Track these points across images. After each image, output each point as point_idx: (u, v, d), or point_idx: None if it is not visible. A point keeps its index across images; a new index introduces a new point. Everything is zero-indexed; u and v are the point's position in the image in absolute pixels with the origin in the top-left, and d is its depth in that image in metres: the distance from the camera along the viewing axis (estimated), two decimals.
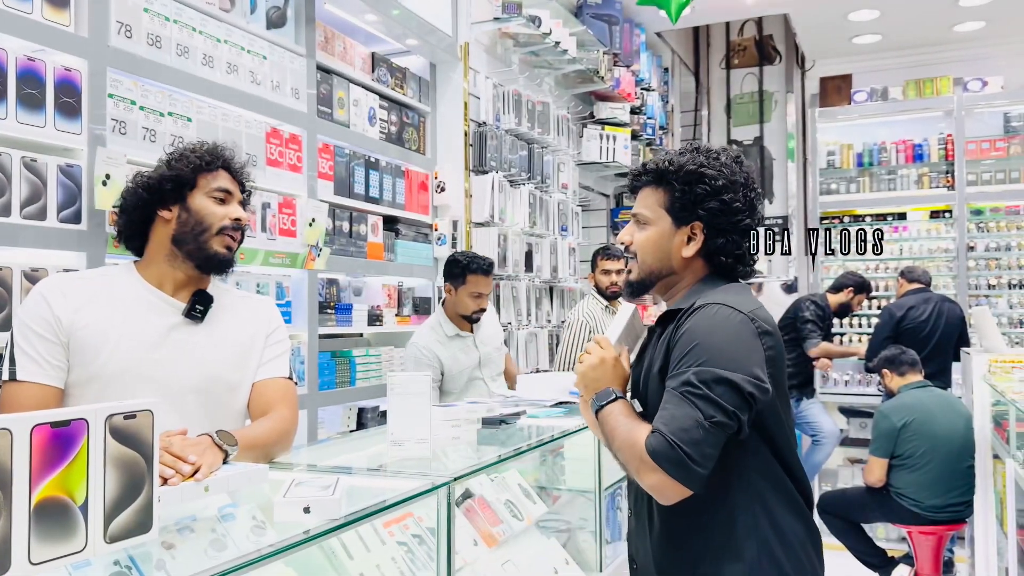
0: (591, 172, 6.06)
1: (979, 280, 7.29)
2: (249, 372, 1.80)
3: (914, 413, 4.06)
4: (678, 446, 1.33)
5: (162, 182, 1.74)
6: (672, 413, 1.36)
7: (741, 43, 7.64)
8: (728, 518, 1.46)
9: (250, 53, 2.95)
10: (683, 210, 1.55)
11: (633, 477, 1.44)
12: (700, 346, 1.40)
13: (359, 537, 1.63)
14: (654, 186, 1.59)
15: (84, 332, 1.63)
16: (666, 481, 1.34)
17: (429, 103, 4.19)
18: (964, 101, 7.25)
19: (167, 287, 1.74)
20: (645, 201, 1.60)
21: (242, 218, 1.79)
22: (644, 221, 1.60)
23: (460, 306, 3.36)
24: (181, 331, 1.72)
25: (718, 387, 1.36)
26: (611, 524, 2.52)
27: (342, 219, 3.47)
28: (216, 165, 1.78)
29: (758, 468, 1.48)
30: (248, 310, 1.86)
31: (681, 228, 1.56)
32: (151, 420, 1.07)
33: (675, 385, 1.40)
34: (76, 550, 0.98)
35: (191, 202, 1.75)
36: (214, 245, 1.74)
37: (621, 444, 1.43)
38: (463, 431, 1.97)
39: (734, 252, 1.56)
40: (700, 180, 1.53)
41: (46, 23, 2.22)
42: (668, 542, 1.52)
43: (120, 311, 1.67)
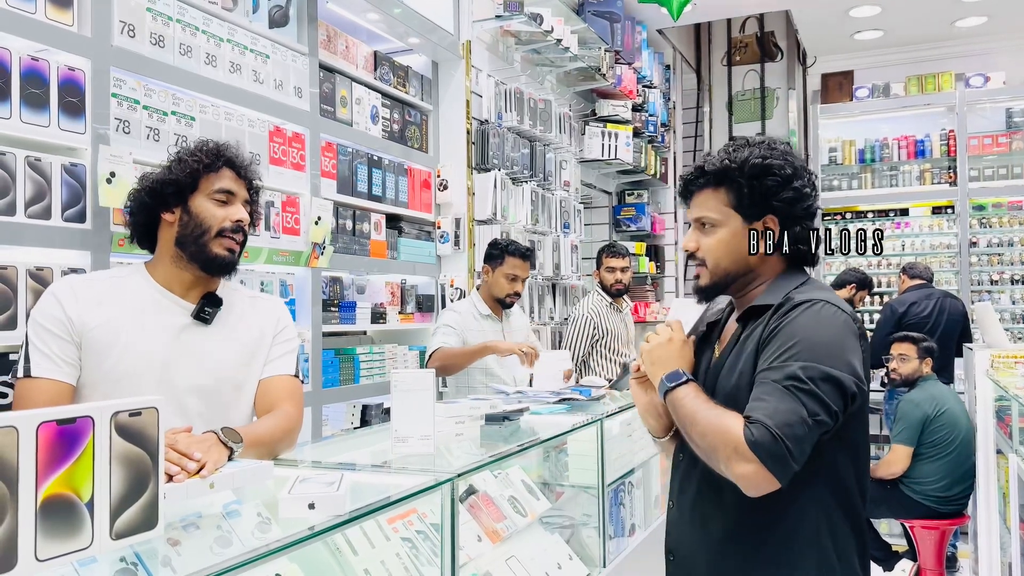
0: (593, 169, 6.06)
1: (981, 276, 7.28)
2: (255, 371, 1.81)
3: (943, 403, 4.07)
4: (782, 440, 1.29)
5: (164, 185, 1.74)
6: (775, 406, 1.32)
7: (743, 40, 7.63)
8: (794, 523, 1.43)
9: (253, 52, 2.95)
10: (753, 206, 1.51)
11: (714, 463, 1.38)
12: (806, 341, 1.37)
13: (363, 533, 1.64)
14: (714, 187, 1.54)
15: (95, 332, 1.64)
16: (760, 473, 1.30)
17: (431, 101, 4.19)
18: (966, 97, 7.24)
19: (176, 288, 1.75)
20: (707, 204, 1.54)
21: (243, 219, 1.78)
22: (712, 224, 1.54)
23: (496, 287, 3.47)
24: (190, 332, 1.73)
25: (824, 384, 1.33)
26: (614, 520, 2.52)
27: (345, 217, 3.48)
28: (218, 165, 1.77)
29: (831, 474, 1.44)
30: (257, 311, 1.87)
31: (753, 224, 1.52)
32: (156, 417, 1.07)
33: (778, 378, 1.35)
34: (82, 547, 0.99)
35: (192, 204, 1.74)
36: (214, 248, 1.74)
37: (706, 430, 1.37)
38: (466, 428, 1.97)
39: (809, 238, 1.53)
40: (768, 172, 1.49)
41: (49, 23, 2.23)
42: (727, 540, 1.48)
43: (130, 312, 1.69)
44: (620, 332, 4.48)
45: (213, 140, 1.82)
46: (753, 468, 1.30)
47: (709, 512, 1.51)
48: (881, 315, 5.54)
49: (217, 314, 1.77)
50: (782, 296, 1.48)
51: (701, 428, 1.39)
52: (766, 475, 1.30)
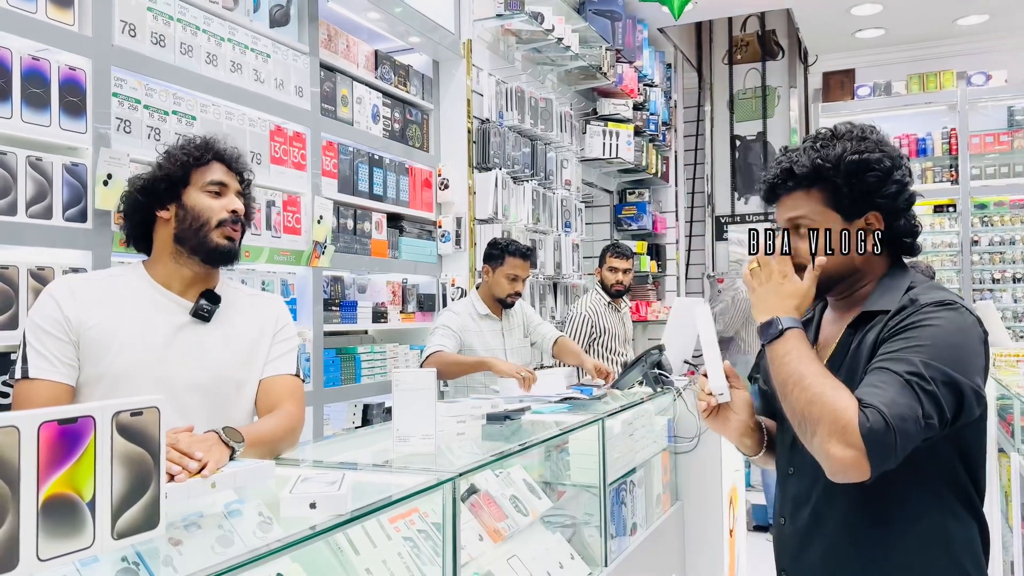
0: (594, 168, 6.06)
1: (983, 274, 7.28)
2: (256, 370, 1.80)
3: None
4: (895, 432, 1.20)
5: (155, 183, 1.74)
6: (893, 397, 1.22)
7: (744, 38, 7.63)
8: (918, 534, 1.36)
9: (253, 51, 2.95)
10: (854, 204, 1.41)
11: (805, 433, 1.28)
12: (938, 341, 1.28)
13: (365, 532, 1.63)
14: (806, 189, 1.43)
15: (93, 331, 1.64)
16: (858, 462, 1.20)
17: (432, 100, 4.19)
18: (968, 95, 7.23)
19: (175, 286, 1.74)
20: (801, 206, 1.44)
21: (239, 210, 1.77)
22: (808, 226, 1.44)
23: (496, 287, 3.44)
24: (188, 330, 1.72)
25: (944, 388, 1.25)
26: (616, 519, 2.52)
27: (346, 217, 3.48)
28: (207, 158, 1.76)
29: (951, 483, 1.37)
30: (256, 308, 1.86)
31: (855, 222, 1.42)
32: (157, 416, 1.07)
33: (900, 369, 1.25)
34: (84, 546, 0.99)
35: (186, 199, 1.73)
36: (215, 238, 1.73)
37: (815, 397, 1.26)
38: (468, 427, 1.97)
39: (912, 229, 1.44)
40: (867, 168, 1.39)
41: (50, 22, 2.23)
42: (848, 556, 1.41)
43: (128, 311, 1.68)
44: (618, 331, 4.48)
45: (200, 135, 1.81)
46: (853, 455, 1.21)
47: (828, 529, 1.43)
48: None
49: (216, 312, 1.75)
50: (899, 297, 1.39)
51: (809, 394, 1.27)
52: (863, 465, 1.21)
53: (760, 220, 7.46)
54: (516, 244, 3.45)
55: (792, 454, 1.50)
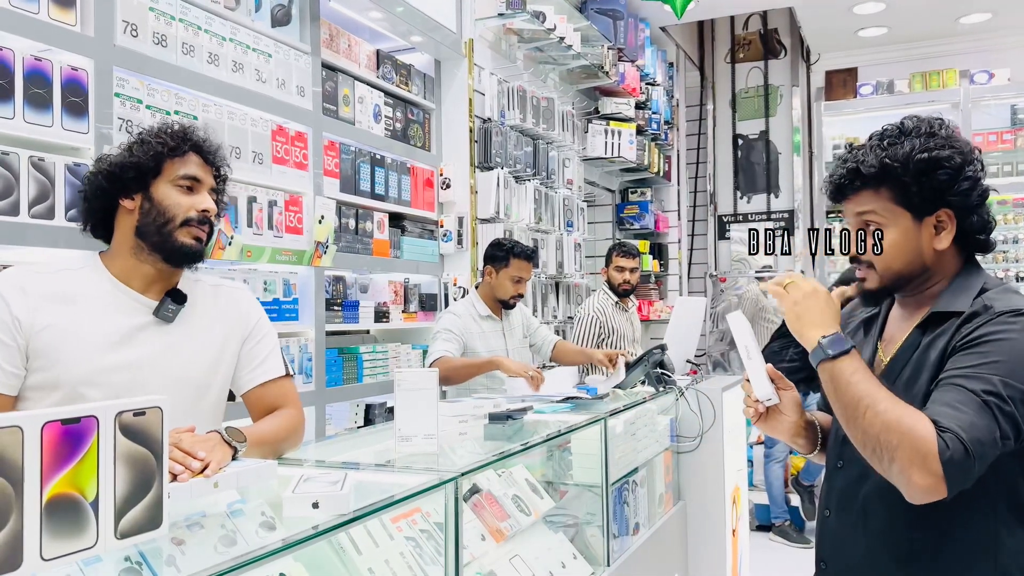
0: (596, 167, 6.06)
1: None
2: (222, 373, 1.70)
3: None
4: (975, 459, 1.17)
5: (124, 169, 1.58)
6: (972, 420, 1.19)
7: (746, 37, 7.62)
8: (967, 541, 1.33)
9: (255, 51, 2.95)
10: (925, 202, 1.36)
11: (882, 460, 1.23)
12: (1012, 355, 1.24)
13: (367, 532, 1.63)
14: (874, 188, 1.39)
15: (45, 333, 1.49)
16: (938, 486, 1.18)
17: (434, 100, 4.19)
18: (971, 94, 7.22)
19: (135, 283, 1.61)
20: (869, 203, 1.40)
21: (209, 209, 1.63)
22: (877, 224, 1.40)
23: (500, 289, 3.41)
24: (149, 331, 1.59)
25: (1022, 407, 1.21)
26: (618, 519, 2.52)
27: (348, 216, 3.48)
28: (184, 149, 1.61)
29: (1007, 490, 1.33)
30: (221, 306, 1.73)
31: (925, 220, 1.37)
32: (160, 416, 1.07)
33: (977, 388, 1.22)
34: (87, 546, 0.99)
35: (155, 191, 1.58)
36: (180, 237, 1.59)
37: (890, 423, 1.21)
38: (470, 427, 1.97)
39: (986, 225, 1.40)
40: (937, 166, 1.34)
41: (52, 23, 2.23)
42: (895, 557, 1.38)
43: (84, 310, 1.54)
44: (626, 331, 4.48)
45: (179, 122, 1.66)
46: (933, 481, 1.18)
47: (876, 527, 1.41)
48: None
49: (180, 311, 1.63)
50: (971, 299, 1.35)
51: (886, 419, 1.22)
52: (941, 489, 1.19)
53: (763, 219, 7.46)
54: (520, 245, 3.42)
55: (843, 448, 1.46)
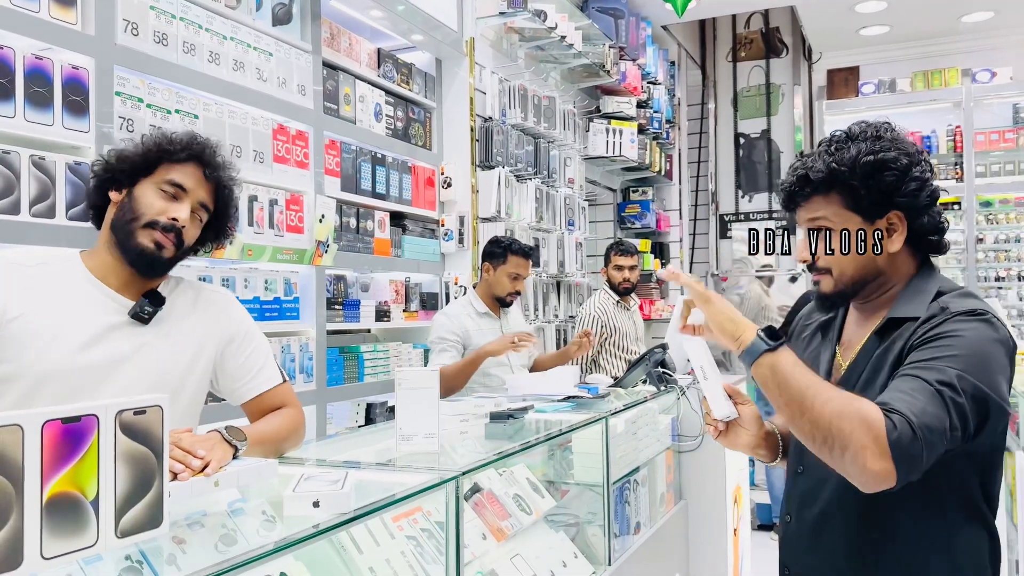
0: (597, 166, 6.05)
1: (988, 272, 7.26)
2: (195, 377, 1.67)
3: None
4: (922, 442, 1.16)
5: (120, 161, 1.59)
6: (923, 406, 1.19)
7: (747, 36, 7.61)
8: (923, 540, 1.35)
9: (256, 50, 2.95)
10: (874, 205, 1.37)
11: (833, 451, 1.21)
12: (970, 352, 1.25)
13: (368, 531, 1.63)
14: (824, 193, 1.40)
15: (16, 323, 1.47)
16: (890, 472, 1.16)
17: (435, 99, 4.18)
18: (973, 92, 7.21)
19: (112, 281, 1.58)
20: (819, 209, 1.41)
21: (180, 219, 1.57)
22: (829, 228, 1.41)
23: (497, 286, 3.42)
24: (123, 332, 1.56)
25: (973, 402, 1.22)
26: (619, 518, 2.52)
27: (349, 215, 3.48)
28: (181, 156, 1.58)
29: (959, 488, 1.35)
30: (200, 309, 1.70)
31: (876, 223, 1.39)
32: (161, 415, 1.07)
33: (932, 378, 1.22)
34: (87, 545, 0.99)
35: (137, 189, 1.57)
36: (140, 238, 1.54)
37: (839, 410, 1.19)
38: (471, 426, 1.97)
39: (938, 225, 1.41)
40: (884, 168, 1.36)
41: (53, 22, 2.23)
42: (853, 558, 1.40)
43: (57, 304, 1.51)
44: (628, 330, 4.48)
45: (193, 133, 1.64)
46: (885, 466, 1.16)
47: (836, 529, 1.42)
48: None
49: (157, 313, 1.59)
50: (927, 304, 1.35)
51: (832, 407, 1.20)
52: (891, 475, 1.17)
53: (764, 218, 7.45)
54: (518, 243, 3.43)
55: (803, 453, 1.47)
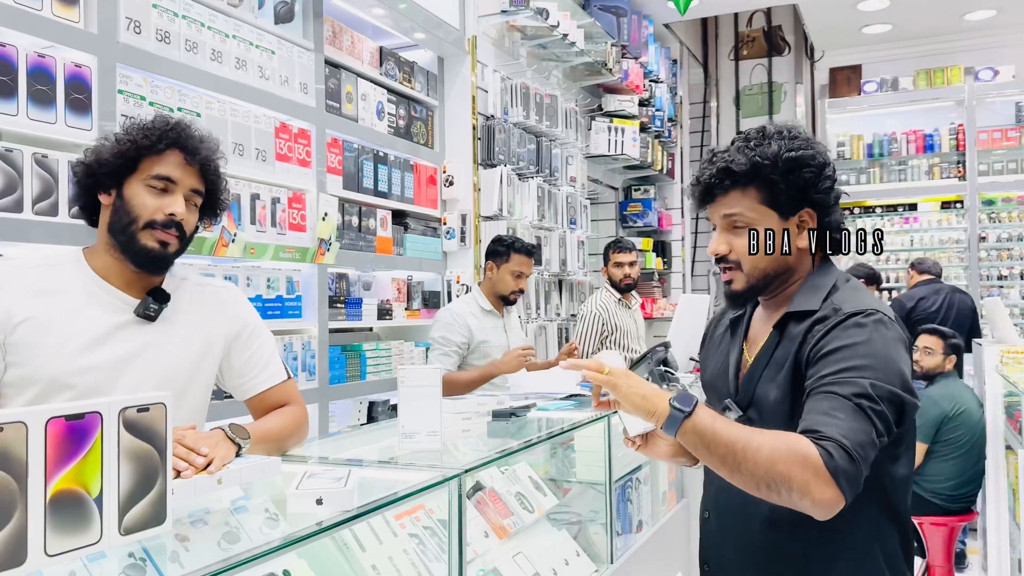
0: (599, 165, 6.05)
1: (990, 271, 7.25)
2: (203, 373, 1.67)
3: (962, 402, 3.99)
4: (860, 462, 1.20)
5: (100, 165, 1.54)
6: (849, 425, 1.21)
7: (750, 34, 7.60)
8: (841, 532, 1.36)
9: (258, 48, 2.95)
10: (791, 201, 1.42)
11: (780, 493, 1.22)
12: (873, 358, 1.28)
13: (371, 529, 1.64)
14: (743, 187, 1.43)
15: (22, 328, 1.46)
16: (837, 497, 1.19)
17: (437, 97, 4.18)
18: (975, 91, 7.21)
19: (115, 280, 1.57)
20: (737, 204, 1.44)
21: (177, 213, 1.54)
22: (746, 224, 1.44)
23: (500, 284, 3.44)
24: (130, 330, 1.55)
25: (889, 404, 1.26)
26: (622, 516, 2.52)
27: (351, 213, 3.48)
28: (160, 148, 1.53)
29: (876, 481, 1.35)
30: (206, 305, 1.69)
31: (789, 219, 1.43)
32: (164, 413, 1.07)
33: (847, 393, 1.24)
34: (91, 542, 0.99)
35: (126, 189, 1.54)
36: (143, 239, 1.53)
37: (773, 455, 1.20)
38: (473, 424, 1.97)
39: (840, 226, 1.47)
40: (803, 165, 1.40)
41: (56, 20, 2.23)
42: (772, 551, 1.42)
43: (63, 306, 1.51)
44: (629, 328, 4.48)
45: (164, 117, 1.60)
46: (833, 493, 1.18)
47: (752, 524, 1.44)
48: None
49: (162, 311, 1.59)
50: (822, 299, 1.40)
51: (764, 454, 1.21)
52: (841, 500, 1.20)
53: None
54: (521, 241, 3.45)
55: None
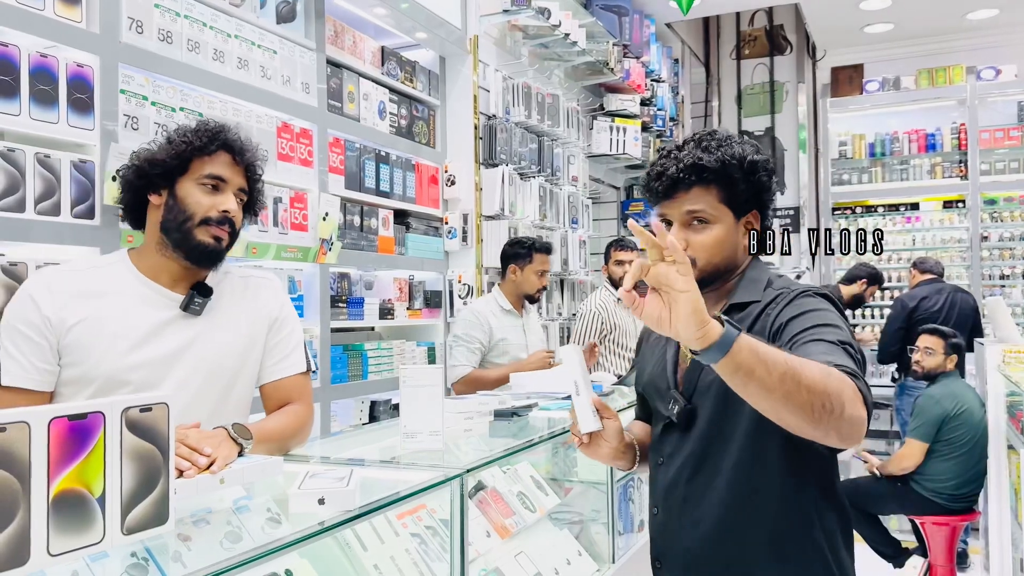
0: (601, 164, 6.05)
1: (992, 270, 7.24)
2: (250, 363, 1.73)
3: (964, 402, 3.99)
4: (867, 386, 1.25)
5: (152, 165, 1.63)
6: (846, 360, 1.26)
7: (752, 33, 7.60)
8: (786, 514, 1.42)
9: (260, 48, 2.95)
10: (747, 202, 1.50)
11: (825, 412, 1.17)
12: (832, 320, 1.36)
13: (373, 529, 1.64)
14: (706, 184, 1.48)
15: (75, 330, 1.54)
16: (865, 417, 1.21)
17: (439, 96, 4.18)
18: (977, 90, 7.19)
19: (163, 278, 1.64)
20: (700, 200, 1.48)
21: (230, 210, 1.64)
22: (705, 220, 1.48)
23: (526, 284, 3.58)
24: (177, 325, 1.63)
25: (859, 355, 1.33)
26: (623, 516, 2.52)
27: (353, 213, 3.48)
28: (211, 149, 1.64)
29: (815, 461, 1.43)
30: (250, 297, 1.76)
31: (742, 219, 1.51)
32: (166, 412, 1.07)
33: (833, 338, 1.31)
34: (94, 542, 0.99)
35: (179, 188, 1.62)
36: (199, 235, 1.62)
37: (821, 371, 1.18)
38: (475, 423, 1.97)
39: (771, 227, 1.57)
40: (763, 168, 1.50)
41: (58, 19, 2.23)
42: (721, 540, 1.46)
43: (112, 306, 1.58)
44: (628, 327, 4.47)
45: (214, 120, 1.70)
46: (863, 411, 1.20)
47: (702, 514, 1.48)
48: (892, 310, 5.51)
49: (208, 303, 1.66)
50: (762, 289, 1.49)
51: (820, 372, 1.18)
52: (866, 418, 1.22)
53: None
54: (539, 241, 3.61)
55: (661, 445, 1.57)
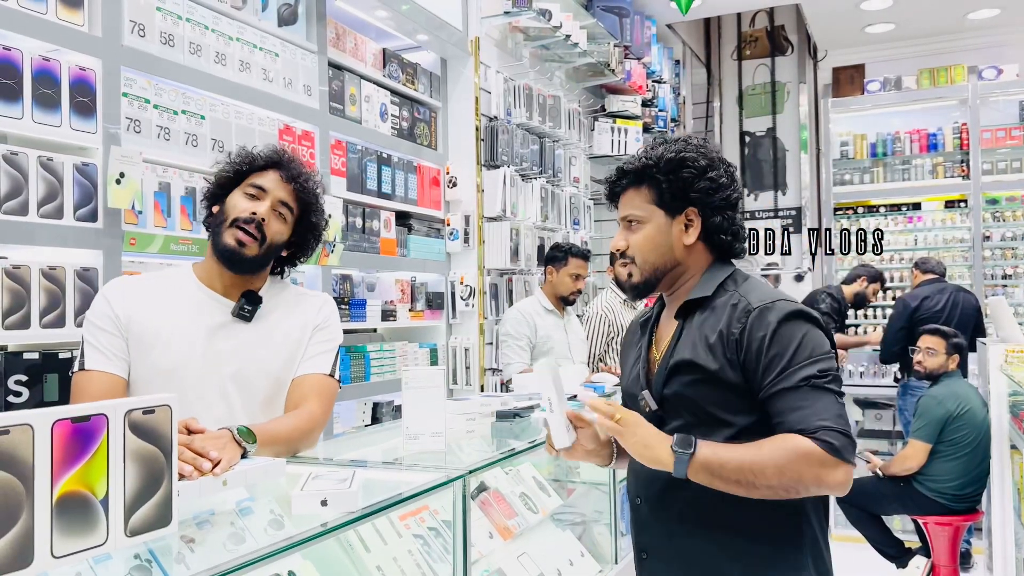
0: (603, 165, 6.04)
1: (995, 270, 7.23)
2: (292, 370, 1.82)
3: (967, 402, 3.98)
4: (847, 434, 1.36)
5: (217, 179, 1.82)
6: (823, 406, 1.38)
7: (753, 34, 7.60)
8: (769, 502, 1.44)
9: (262, 50, 2.96)
10: (674, 199, 1.56)
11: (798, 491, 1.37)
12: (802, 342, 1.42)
13: (376, 530, 1.64)
14: (636, 186, 1.59)
15: (138, 328, 1.71)
16: (848, 473, 1.36)
17: (440, 98, 4.19)
18: (979, 90, 7.18)
19: (217, 286, 1.78)
20: (631, 203, 1.60)
21: (260, 213, 1.74)
22: (637, 221, 1.59)
23: (561, 286, 3.82)
24: (229, 330, 1.76)
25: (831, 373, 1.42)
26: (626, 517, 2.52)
27: (355, 215, 3.49)
28: (261, 164, 1.79)
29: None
30: (301, 308, 1.87)
31: (676, 218, 1.57)
32: (169, 415, 1.08)
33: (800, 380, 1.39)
34: (97, 544, 0.99)
35: (228, 198, 1.79)
36: (226, 237, 1.73)
37: (781, 466, 1.35)
38: (477, 424, 1.97)
39: (731, 228, 1.58)
40: (683, 165, 1.55)
41: (60, 23, 2.24)
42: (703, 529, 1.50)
43: (171, 310, 1.74)
44: None
45: (276, 147, 1.86)
46: (844, 470, 1.35)
47: (683, 504, 1.51)
48: (893, 310, 5.50)
49: (259, 311, 1.79)
50: (715, 287, 1.54)
51: (773, 467, 1.35)
52: (851, 471, 1.36)
53: (770, 216, 7.44)
54: (577, 247, 3.82)
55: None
